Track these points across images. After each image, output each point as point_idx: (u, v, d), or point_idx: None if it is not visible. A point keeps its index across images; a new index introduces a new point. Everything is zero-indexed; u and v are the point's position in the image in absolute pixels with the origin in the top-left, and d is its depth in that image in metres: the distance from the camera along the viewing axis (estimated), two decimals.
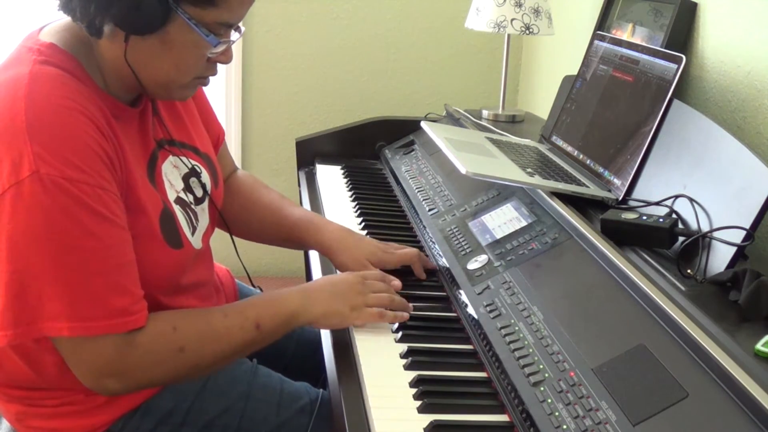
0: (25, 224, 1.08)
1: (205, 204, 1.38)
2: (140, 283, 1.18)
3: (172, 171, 1.31)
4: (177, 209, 1.28)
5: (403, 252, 1.53)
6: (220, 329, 1.23)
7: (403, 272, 1.50)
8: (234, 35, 1.21)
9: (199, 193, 1.36)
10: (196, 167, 1.36)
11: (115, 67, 1.19)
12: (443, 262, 1.53)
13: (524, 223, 1.49)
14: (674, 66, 1.49)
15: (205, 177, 1.38)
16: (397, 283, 1.42)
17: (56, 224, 1.08)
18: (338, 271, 1.52)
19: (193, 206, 1.33)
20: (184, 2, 1.12)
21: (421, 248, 1.64)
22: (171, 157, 1.31)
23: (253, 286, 1.63)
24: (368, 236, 1.64)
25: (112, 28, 1.14)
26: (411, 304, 1.38)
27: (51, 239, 1.08)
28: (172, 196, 1.28)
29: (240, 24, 1.22)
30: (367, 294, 1.33)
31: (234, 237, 1.53)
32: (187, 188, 1.33)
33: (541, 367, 1.12)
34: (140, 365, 1.17)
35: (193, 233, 1.31)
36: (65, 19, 1.19)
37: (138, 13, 1.10)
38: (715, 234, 1.22)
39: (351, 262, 1.49)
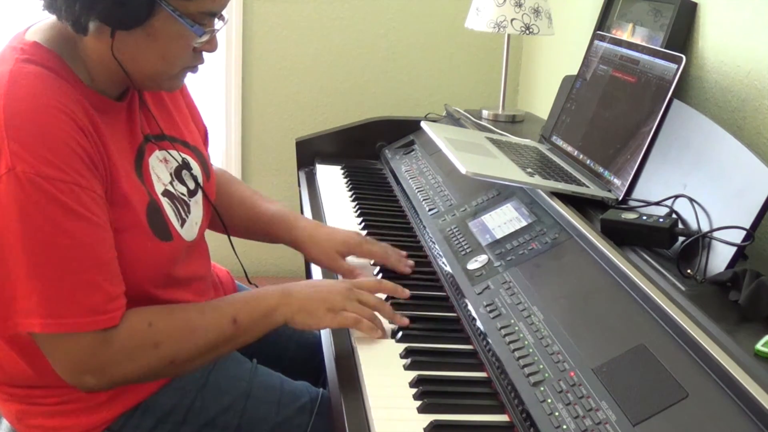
0: (1, 221, 1.08)
1: (199, 196, 1.38)
2: (132, 276, 1.18)
3: (159, 165, 1.31)
4: (165, 202, 1.28)
5: (376, 248, 1.52)
6: (196, 324, 1.23)
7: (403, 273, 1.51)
8: (218, 24, 1.22)
9: (191, 185, 1.37)
10: (186, 160, 1.37)
11: (102, 62, 1.19)
12: (443, 262, 1.53)
13: (524, 223, 1.49)
14: (674, 66, 1.49)
15: (196, 170, 1.39)
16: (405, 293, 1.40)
17: (31, 221, 1.08)
18: (312, 266, 1.55)
19: (186, 199, 1.34)
20: None
21: (420, 248, 1.64)
22: (158, 151, 1.31)
23: (250, 284, 1.63)
24: (356, 229, 1.66)
25: (98, 25, 1.15)
26: (410, 308, 1.38)
27: (25, 236, 1.08)
28: (159, 189, 1.29)
29: (223, 13, 1.22)
30: (350, 300, 1.30)
31: (232, 237, 1.53)
32: (180, 181, 1.34)
33: (541, 367, 1.12)
34: (116, 361, 1.17)
35: (182, 225, 1.31)
36: (51, 17, 1.20)
37: (123, 8, 1.11)
38: (715, 234, 1.22)
39: (322, 256, 1.52)
